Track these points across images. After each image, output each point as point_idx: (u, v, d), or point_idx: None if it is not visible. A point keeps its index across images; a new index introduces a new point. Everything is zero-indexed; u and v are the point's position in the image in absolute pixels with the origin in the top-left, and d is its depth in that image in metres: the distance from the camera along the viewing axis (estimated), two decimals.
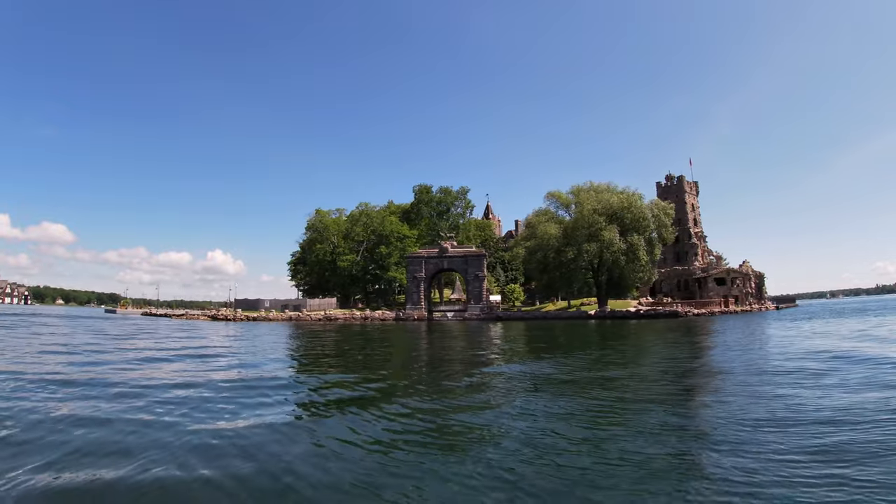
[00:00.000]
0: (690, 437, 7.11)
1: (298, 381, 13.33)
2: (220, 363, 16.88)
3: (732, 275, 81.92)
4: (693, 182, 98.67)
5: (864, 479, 5.25)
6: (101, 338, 28.95)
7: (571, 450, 6.61)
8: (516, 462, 6.05)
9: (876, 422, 7.56)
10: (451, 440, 7.19)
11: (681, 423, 8.00)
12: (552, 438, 7.12)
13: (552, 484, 5.36)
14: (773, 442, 6.66)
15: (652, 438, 7.00)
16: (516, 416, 8.55)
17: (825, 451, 6.21)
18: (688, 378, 13.35)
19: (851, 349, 18.09)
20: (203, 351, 21.36)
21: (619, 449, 6.50)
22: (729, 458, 6.07)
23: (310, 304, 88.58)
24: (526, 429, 7.65)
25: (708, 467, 5.79)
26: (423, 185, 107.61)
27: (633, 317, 56.10)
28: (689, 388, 11.68)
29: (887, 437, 6.72)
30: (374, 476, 5.61)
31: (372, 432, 7.56)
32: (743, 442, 6.73)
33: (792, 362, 15.09)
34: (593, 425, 7.85)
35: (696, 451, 6.47)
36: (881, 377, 11.72)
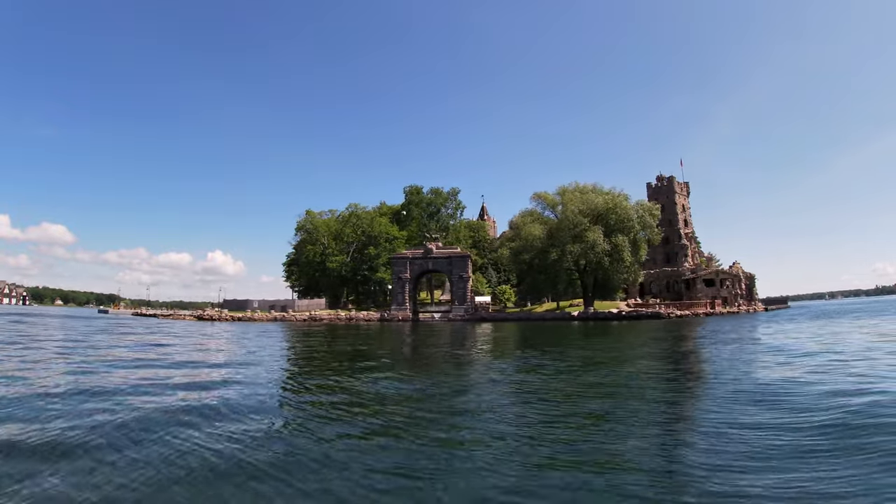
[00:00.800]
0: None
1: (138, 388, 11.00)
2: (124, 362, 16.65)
3: (721, 276, 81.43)
4: (684, 183, 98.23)
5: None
6: (48, 334, 28.81)
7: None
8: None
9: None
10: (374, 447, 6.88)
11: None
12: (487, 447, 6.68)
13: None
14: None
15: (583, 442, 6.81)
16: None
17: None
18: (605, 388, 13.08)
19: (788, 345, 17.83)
20: (131, 351, 21.10)
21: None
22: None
23: (297, 304, 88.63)
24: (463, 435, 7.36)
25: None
26: (413, 186, 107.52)
27: (616, 318, 55.77)
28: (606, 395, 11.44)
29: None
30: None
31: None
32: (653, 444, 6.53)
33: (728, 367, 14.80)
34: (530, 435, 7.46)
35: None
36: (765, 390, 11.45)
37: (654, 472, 5.45)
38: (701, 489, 4.93)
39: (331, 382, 12.34)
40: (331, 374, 13.94)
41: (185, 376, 12.95)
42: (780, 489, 4.87)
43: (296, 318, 69.65)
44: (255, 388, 11.10)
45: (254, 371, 14.38)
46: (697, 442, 6.63)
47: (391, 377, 13.24)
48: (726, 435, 6.82)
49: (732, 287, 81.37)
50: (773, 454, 5.93)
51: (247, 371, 14.33)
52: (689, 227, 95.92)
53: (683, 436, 7.08)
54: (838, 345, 19.12)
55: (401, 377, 13.39)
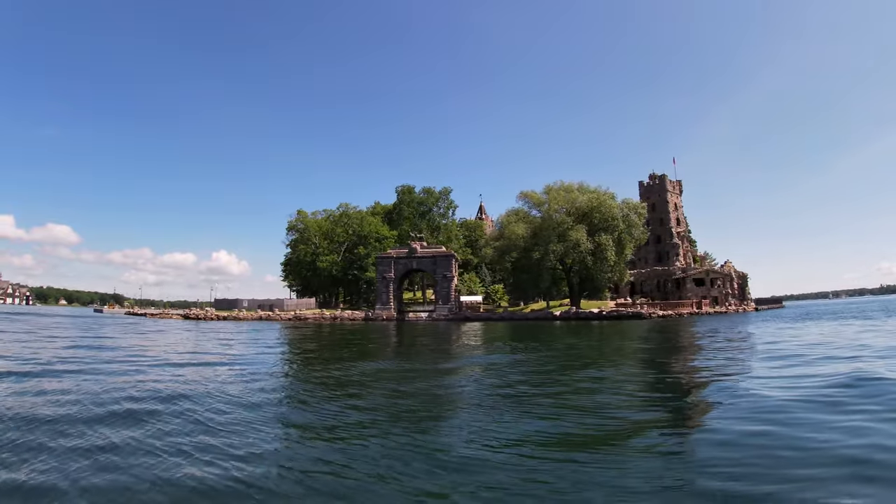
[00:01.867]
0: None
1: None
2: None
3: (712, 275, 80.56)
4: (676, 181, 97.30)
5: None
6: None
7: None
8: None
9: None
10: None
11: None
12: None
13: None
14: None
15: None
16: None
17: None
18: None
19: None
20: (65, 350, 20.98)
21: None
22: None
23: (286, 304, 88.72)
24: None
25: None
26: (405, 186, 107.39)
27: (597, 318, 55.27)
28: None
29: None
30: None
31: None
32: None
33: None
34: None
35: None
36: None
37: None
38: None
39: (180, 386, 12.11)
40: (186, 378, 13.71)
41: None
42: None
43: (281, 317, 69.75)
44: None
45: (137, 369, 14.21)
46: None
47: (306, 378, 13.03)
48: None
49: (724, 286, 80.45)
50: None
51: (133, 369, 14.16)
52: (681, 226, 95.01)
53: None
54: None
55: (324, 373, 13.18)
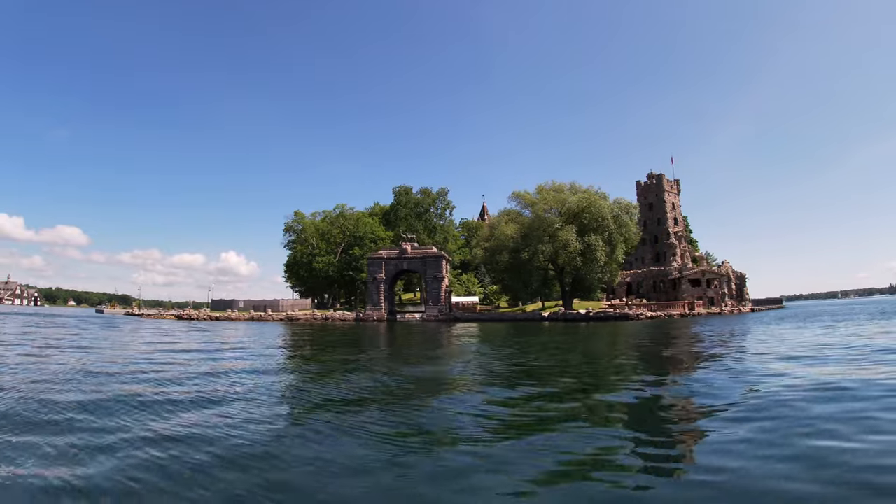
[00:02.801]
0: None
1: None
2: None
3: (708, 275, 79.57)
4: (674, 180, 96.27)
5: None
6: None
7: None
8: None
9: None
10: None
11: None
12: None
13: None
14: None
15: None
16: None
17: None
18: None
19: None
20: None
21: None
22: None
23: (282, 305, 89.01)
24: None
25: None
26: (402, 187, 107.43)
27: (584, 319, 54.72)
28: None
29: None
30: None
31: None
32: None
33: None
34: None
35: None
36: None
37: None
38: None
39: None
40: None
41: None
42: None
43: (272, 318, 69.91)
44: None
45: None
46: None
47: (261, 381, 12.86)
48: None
49: (720, 287, 79.43)
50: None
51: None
52: (679, 226, 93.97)
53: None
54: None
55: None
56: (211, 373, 13.53)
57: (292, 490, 4.88)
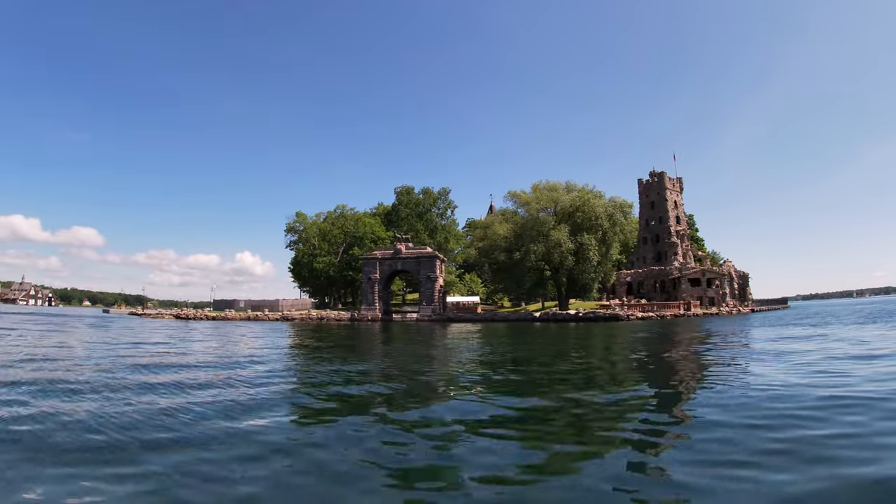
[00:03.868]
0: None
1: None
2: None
3: (709, 275, 78.23)
4: (677, 178, 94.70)
5: None
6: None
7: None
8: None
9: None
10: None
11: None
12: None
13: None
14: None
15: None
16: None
17: None
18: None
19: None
20: None
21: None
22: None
23: (281, 304, 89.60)
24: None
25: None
26: (404, 187, 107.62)
27: (573, 319, 54.14)
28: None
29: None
30: None
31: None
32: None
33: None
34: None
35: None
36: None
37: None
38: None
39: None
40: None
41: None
42: None
43: (268, 317, 70.37)
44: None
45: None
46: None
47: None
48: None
49: (721, 287, 78.06)
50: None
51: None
52: (681, 224, 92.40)
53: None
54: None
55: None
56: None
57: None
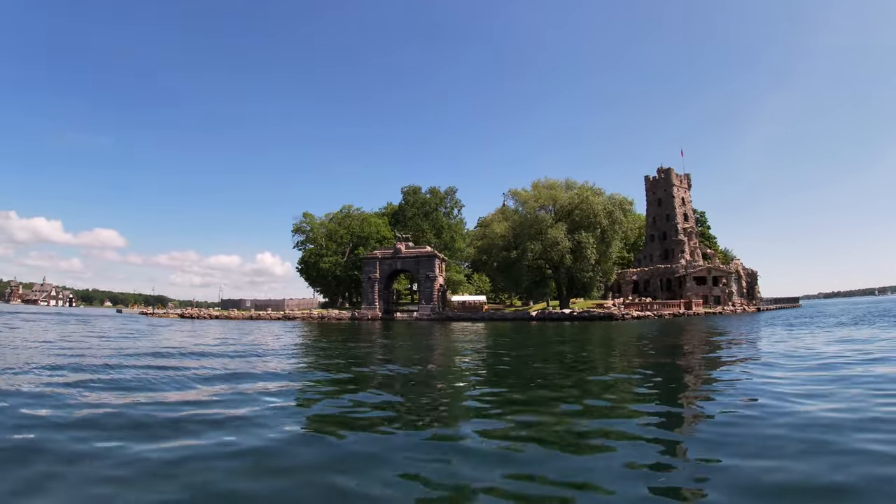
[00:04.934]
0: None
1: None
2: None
3: (714, 273, 76.61)
4: (684, 175, 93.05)
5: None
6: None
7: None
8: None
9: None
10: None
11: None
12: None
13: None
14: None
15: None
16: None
17: None
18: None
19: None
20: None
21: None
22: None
23: (287, 304, 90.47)
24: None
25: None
26: (411, 187, 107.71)
27: (568, 318, 53.47)
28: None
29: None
30: None
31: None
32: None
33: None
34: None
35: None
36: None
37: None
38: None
39: None
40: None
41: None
42: None
43: (270, 316, 71.07)
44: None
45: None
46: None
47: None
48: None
49: (727, 285, 76.35)
50: None
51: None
52: (689, 222, 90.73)
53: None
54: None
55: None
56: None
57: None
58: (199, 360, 14.57)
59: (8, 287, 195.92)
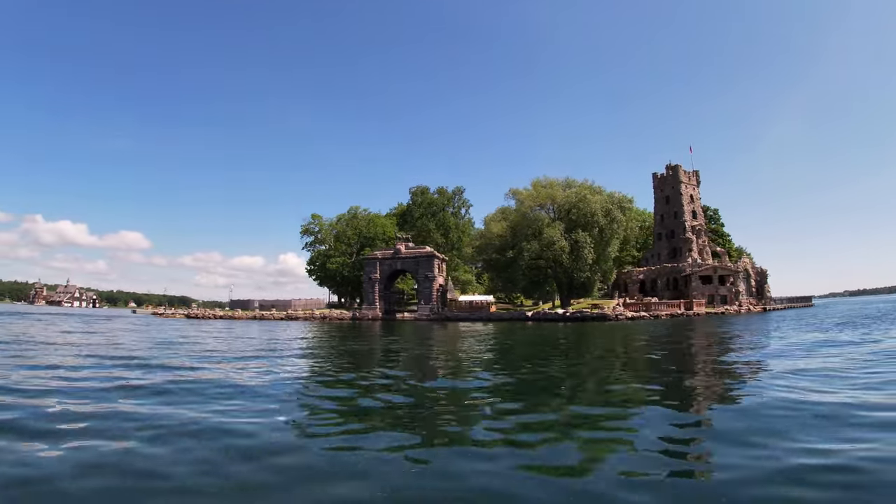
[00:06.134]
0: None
1: None
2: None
3: (720, 272, 74.93)
4: (693, 171, 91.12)
5: None
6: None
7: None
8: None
9: None
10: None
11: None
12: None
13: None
14: None
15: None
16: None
17: None
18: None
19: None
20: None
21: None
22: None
23: (294, 304, 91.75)
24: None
25: None
26: (419, 187, 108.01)
27: (561, 319, 52.93)
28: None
29: None
30: None
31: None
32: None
33: None
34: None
35: None
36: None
37: None
38: None
39: None
40: None
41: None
42: None
43: (273, 316, 72.13)
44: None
45: None
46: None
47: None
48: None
49: (734, 284, 74.59)
50: None
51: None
52: (697, 219, 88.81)
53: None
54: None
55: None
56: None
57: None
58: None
59: (32, 289, 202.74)
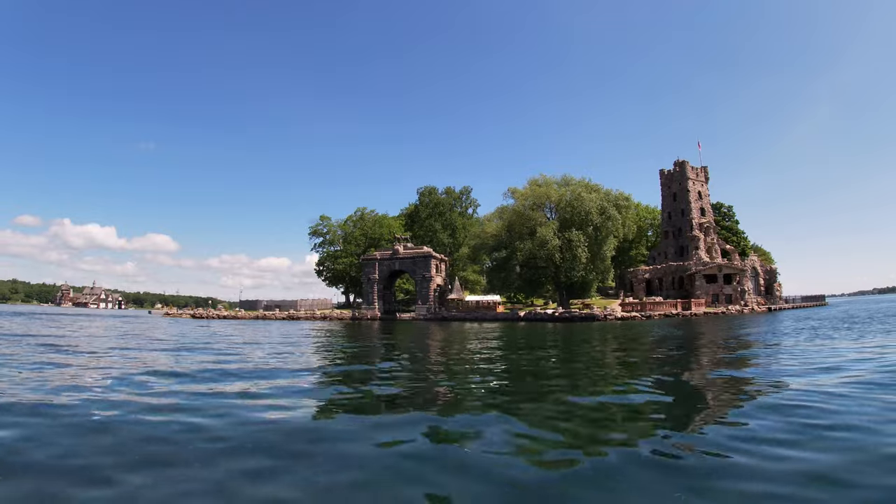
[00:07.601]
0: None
1: None
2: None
3: (726, 271, 73.14)
4: (701, 167, 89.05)
5: None
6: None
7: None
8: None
9: None
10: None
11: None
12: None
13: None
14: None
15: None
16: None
17: None
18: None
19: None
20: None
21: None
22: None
23: (300, 304, 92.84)
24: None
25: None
26: (427, 187, 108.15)
27: (550, 319, 52.49)
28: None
29: None
30: None
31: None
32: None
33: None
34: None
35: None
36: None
37: None
38: None
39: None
40: None
41: None
42: None
43: (275, 316, 73.43)
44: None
45: None
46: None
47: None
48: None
49: (741, 283, 72.68)
50: None
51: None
52: (705, 217, 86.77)
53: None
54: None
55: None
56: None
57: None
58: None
59: (59, 291, 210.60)
